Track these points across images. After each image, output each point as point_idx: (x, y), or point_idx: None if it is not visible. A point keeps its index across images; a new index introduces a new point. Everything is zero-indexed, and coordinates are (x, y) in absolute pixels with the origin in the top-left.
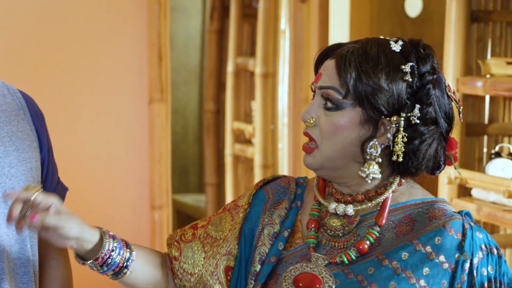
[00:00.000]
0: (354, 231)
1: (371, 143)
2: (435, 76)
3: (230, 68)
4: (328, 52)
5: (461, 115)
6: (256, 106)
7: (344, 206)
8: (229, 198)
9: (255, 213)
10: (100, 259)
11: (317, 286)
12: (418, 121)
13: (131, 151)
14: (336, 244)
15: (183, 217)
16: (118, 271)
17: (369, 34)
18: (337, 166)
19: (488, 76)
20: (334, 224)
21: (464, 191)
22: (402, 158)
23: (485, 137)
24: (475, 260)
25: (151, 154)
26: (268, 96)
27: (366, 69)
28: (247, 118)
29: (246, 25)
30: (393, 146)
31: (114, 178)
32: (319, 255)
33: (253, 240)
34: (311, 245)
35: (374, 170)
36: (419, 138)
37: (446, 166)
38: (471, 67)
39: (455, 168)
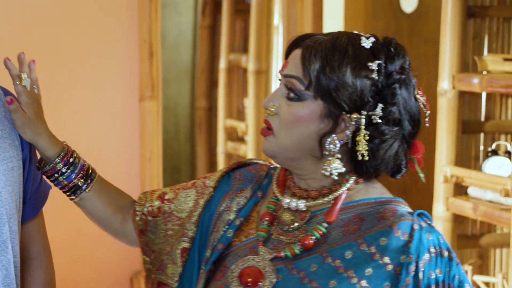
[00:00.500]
0: (304, 227)
1: (329, 138)
2: (403, 76)
3: (222, 64)
4: (298, 42)
5: (427, 119)
6: (249, 103)
7: (296, 201)
8: None
9: (217, 198)
10: (46, 172)
11: (260, 280)
12: (379, 120)
13: (121, 149)
14: (285, 238)
15: None
16: (67, 192)
17: (364, 30)
18: (294, 157)
19: (484, 72)
20: (285, 218)
21: (460, 190)
22: (361, 157)
23: (482, 135)
24: (421, 263)
25: (141, 152)
26: (261, 93)
27: (332, 62)
28: (240, 115)
29: (238, 21)
30: (354, 145)
31: (105, 177)
32: (266, 248)
33: (209, 225)
34: (261, 238)
35: (336, 166)
36: (380, 138)
37: (446, 165)
38: (468, 63)
39: (418, 172)
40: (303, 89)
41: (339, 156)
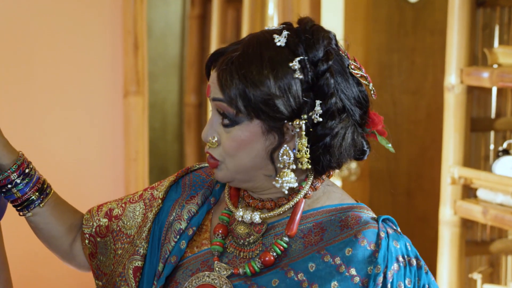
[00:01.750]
0: (261, 240)
1: (281, 150)
2: (330, 63)
3: None
4: (213, 61)
5: (372, 92)
6: None
7: (251, 213)
8: None
9: (166, 208)
10: None
11: None
12: (320, 119)
13: (104, 149)
14: (241, 253)
15: None
16: (18, 206)
17: (365, 20)
18: (249, 178)
19: (495, 66)
20: (240, 232)
21: (469, 192)
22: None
23: (492, 133)
24: (390, 273)
25: (126, 152)
26: None
27: (251, 78)
28: None
29: (230, 11)
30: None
31: (85, 180)
32: (222, 264)
33: (160, 237)
34: (216, 252)
35: (289, 179)
36: (330, 134)
37: (453, 165)
38: (477, 56)
39: (384, 143)
40: (234, 113)
41: (294, 167)
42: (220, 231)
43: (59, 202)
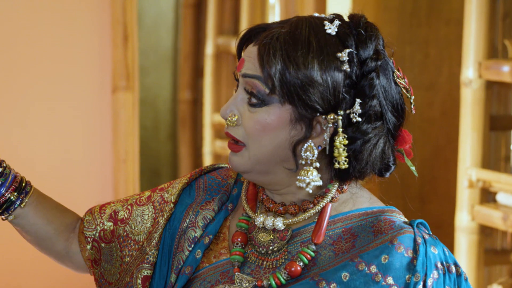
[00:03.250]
0: (285, 248)
1: (305, 145)
2: (379, 63)
3: (209, 50)
4: (250, 36)
5: (412, 106)
6: None
7: (273, 219)
8: None
9: (179, 213)
10: None
11: None
12: (359, 119)
13: (90, 150)
14: (264, 262)
15: None
16: None
17: (375, 9)
18: (267, 170)
19: None
20: (262, 239)
21: (487, 196)
22: (339, 164)
23: None
24: (429, 282)
25: (115, 153)
26: None
27: (295, 59)
28: None
29: None
30: (332, 150)
31: (70, 184)
32: (244, 275)
33: (172, 245)
34: (236, 263)
35: (313, 177)
36: (362, 138)
37: (471, 167)
38: (496, 48)
39: (409, 165)
40: (267, 92)
41: (317, 165)
42: (239, 239)
43: (42, 200)
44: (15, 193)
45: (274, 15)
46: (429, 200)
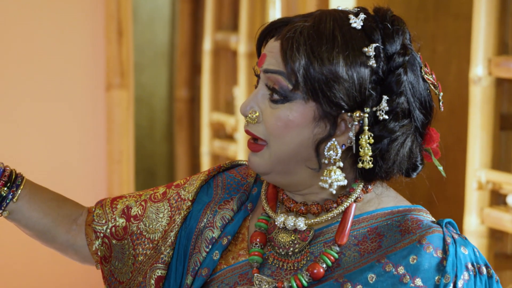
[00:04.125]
0: (307, 249)
1: (329, 144)
2: (406, 58)
3: (207, 45)
4: (271, 30)
5: (441, 103)
6: (240, 92)
7: (294, 218)
8: None
9: (196, 212)
10: None
11: None
12: (386, 116)
13: (84, 150)
14: (285, 264)
15: None
16: None
17: (380, 2)
18: (288, 170)
19: None
20: (282, 240)
21: (497, 199)
22: (363, 164)
23: None
24: (460, 283)
25: (109, 153)
26: (254, 80)
27: (319, 54)
28: (229, 108)
29: None
30: (358, 149)
31: (62, 184)
32: (263, 277)
33: (188, 245)
34: (255, 264)
35: (337, 177)
36: (389, 137)
37: (480, 168)
38: (507, 44)
39: (436, 165)
40: (290, 88)
41: (341, 164)
42: (257, 240)
43: (36, 192)
44: (5, 188)
45: (275, 9)
46: (436, 202)
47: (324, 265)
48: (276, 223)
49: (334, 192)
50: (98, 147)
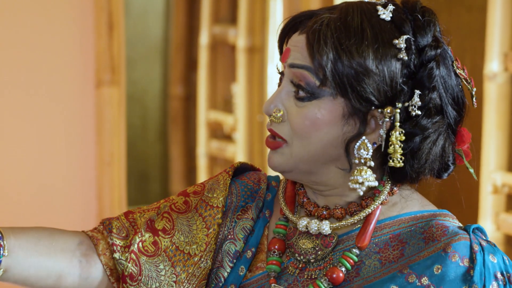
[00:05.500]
0: (331, 256)
1: (359, 142)
2: (438, 51)
3: (204, 40)
4: (295, 24)
5: (474, 99)
6: (239, 90)
7: (318, 222)
8: None
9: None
10: None
11: None
12: (419, 112)
13: (71, 151)
14: (305, 272)
15: None
16: None
17: None
18: (311, 170)
19: None
20: (304, 247)
21: None
22: (394, 162)
23: None
24: None
25: (99, 154)
26: (254, 77)
27: (348, 47)
28: (227, 106)
29: None
30: (386, 147)
31: (48, 188)
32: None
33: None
34: (272, 273)
35: (368, 177)
36: (421, 134)
37: (495, 170)
38: None
39: (468, 168)
40: (317, 84)
41: (372, 163)
42: (275, 247)
43: (22, 236)
44: None
45: (276, 1)
46: (448, 207)
47: (343, 269)
48: (298, 227)
49: (361, 193)
50: (87, 148)
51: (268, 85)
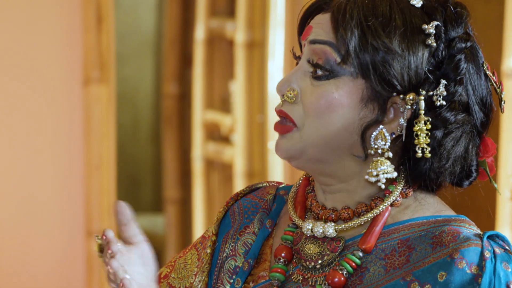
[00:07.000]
0: (337, 262)
1: (376, 131)
2: (468, 44)
3: (199, 34)
4: (319, 5)
5: (502, 104)
6: (237, 88)
7: (323, 224)
8: (198, 219)
9: (218, 246)
10: None
11: None
12: (444, 102)
13: (58, 153)
14: (310, 279)
15: None
16: None
17: None
18: (320, 158)
19: None
20: (309, 252)
21: None
22: (422, 153)
23: None
24: None
25: (86, 157)
26: (254, 74)
27: (374, 26)
28: (224, 105)
29: None
30: (409, 139)
31: (34, 194)
32: None
33: (210, 281)
34: (275, 282)
35: (386, 168)
36: (443, 128)
37: (511, 175)
38: None
39: (491, 182)
40: (338, 61)
41: (390, 154)
42: (282, 254)
43: None
44: None
45: None
46: (464, 213)
47: (345, 272)
48: (303, 230)
49: (383, 186)
50: (74, 151)
51: (268, 82)
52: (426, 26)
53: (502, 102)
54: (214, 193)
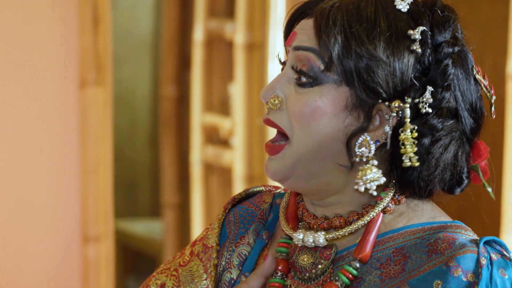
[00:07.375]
0: (331, 270)
1: (360, 139)
2: (456, 49)
3: (198, 35)
4: (304, 10)
5: (493, 109)
6: (237, 90)
7: (314, 233)
8: (196, 225)
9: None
10: None
11: None
12: (429, 110)
13: (54, 158)
14: None
15: (131, 253)
16: None
17: None
18: (312, 171)
19: None
20: (303, 263)
21: None
22: (409, 162)
23: None
24: None
25: (83, 161)
26: (253, 75)
27: (358, 32)
28: (224, 108)
29: None
30: (394, 147)
31: (29, 199)
32: None
33: None
34: None
35: (373, 176)
36: (431, 135)
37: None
38: None
39: (485, 186)
40: (322, 69)
41: (375, 162)
42: (280, 268)
43: None
44: None
45: None
46: (468, 218)
47: (339, 284)
48: (294, 240)
49: (375, 193)
50: (70, 154)
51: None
52: (411, 32)
53: (492, 107)
54: (213, 198)
